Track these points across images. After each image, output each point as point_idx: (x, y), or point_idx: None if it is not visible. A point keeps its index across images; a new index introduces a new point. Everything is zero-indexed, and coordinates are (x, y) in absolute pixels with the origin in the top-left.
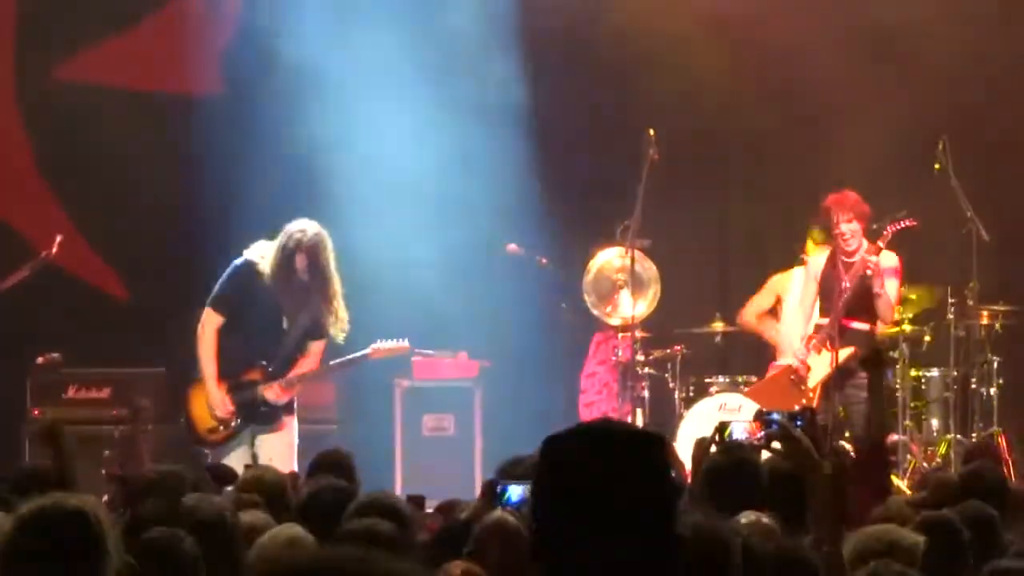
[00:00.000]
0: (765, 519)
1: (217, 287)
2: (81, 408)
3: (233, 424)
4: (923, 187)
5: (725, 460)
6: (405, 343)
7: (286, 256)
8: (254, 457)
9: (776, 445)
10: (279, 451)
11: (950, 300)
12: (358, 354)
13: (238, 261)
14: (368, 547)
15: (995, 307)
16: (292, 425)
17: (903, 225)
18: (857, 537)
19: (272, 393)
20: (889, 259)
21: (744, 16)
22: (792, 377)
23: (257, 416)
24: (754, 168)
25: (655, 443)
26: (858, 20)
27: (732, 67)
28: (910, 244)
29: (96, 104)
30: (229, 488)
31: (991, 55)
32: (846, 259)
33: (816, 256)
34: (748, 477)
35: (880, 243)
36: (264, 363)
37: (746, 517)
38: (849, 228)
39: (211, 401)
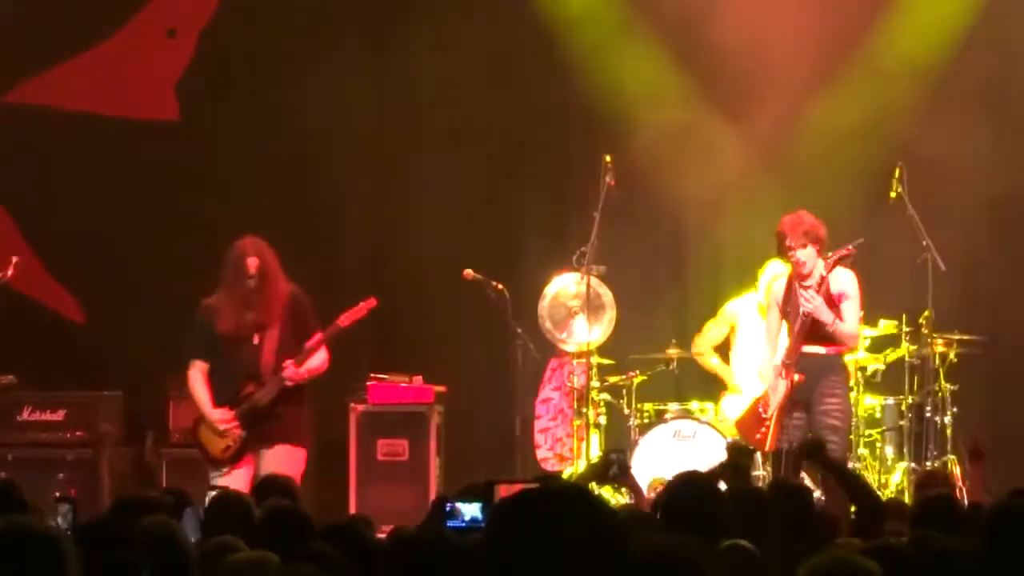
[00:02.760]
0: (744, 544)
1: (188, 342)
2: (35, 431)
3: (241, 436)
4: (878, 214)
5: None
6: (372, 300)
7: (236, 260)
8: (258, 468)
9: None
10: (279, 460)
11: (905, 328)
12: (330, 329)
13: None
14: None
15: (950, 336)
16: (298, 454)
17: (845, 252)
18: (810, 565)
19: (289, 372)
20: (842, 282)
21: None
22: (759, 408)
23: (261, 427)
24: (711, 195)
25: (590, 499)
26: (815, 39)
27: (689, 93)
28: (865, 271)
29: (54, 128)
30: (189, 509)
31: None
32: (801, 283)
33: (777, 283)
34: (710, 507)
35: (823, 271)
36: (259, 379)
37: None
38: (803, 254)
39: (212, 420)
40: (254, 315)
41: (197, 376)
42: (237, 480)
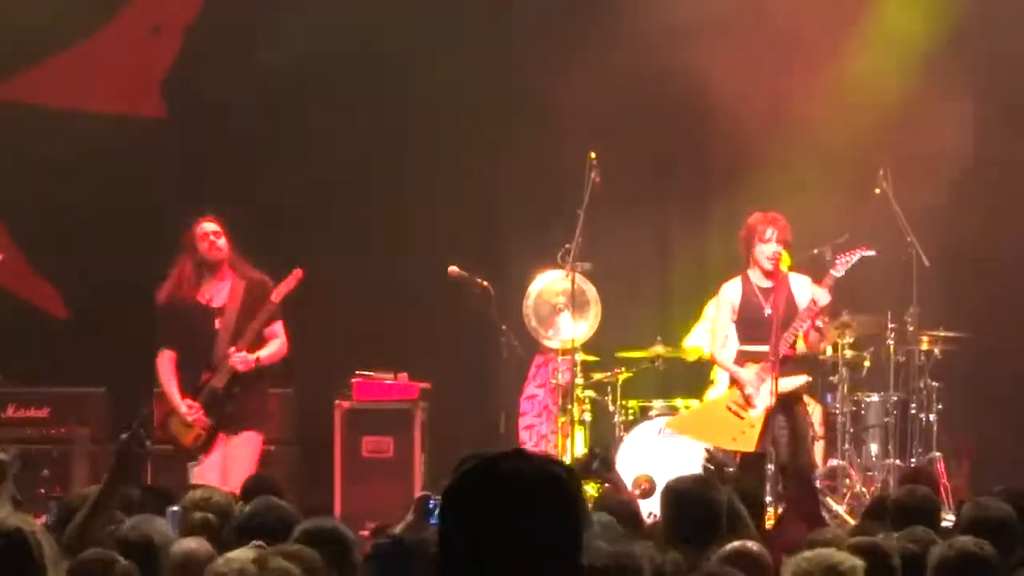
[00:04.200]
0: (751, 545)
1: (156, 330)
2: (20, 427)
3: (208, 424)
4: (863, 211)
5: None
6: (298, 271)
7: (193, 244)
8: (223, 455)
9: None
10: (244, 457)
11: (890, 325)
12: (265, 308)
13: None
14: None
15: (935, 333)
16: (257, 440)
17: (860, 255)
18: (795, 561)
19: (237, 359)
20: (822, 292)
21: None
22: (729, 407)
23: (225, 416)
24: (696, 192)
25: (559, 480)
26: (799, 43)
27: (676, 91)
28: (850, 268)
29: (38, 124)
30: (174, 508)
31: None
32: (765, 280)
33: (730, 284)
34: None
35: (833, 275)
36: (212, 363)
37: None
38: (779, 250)
39: (180, 412)
40: (214, 301)
41: (166, 365)
42: (211, 467)
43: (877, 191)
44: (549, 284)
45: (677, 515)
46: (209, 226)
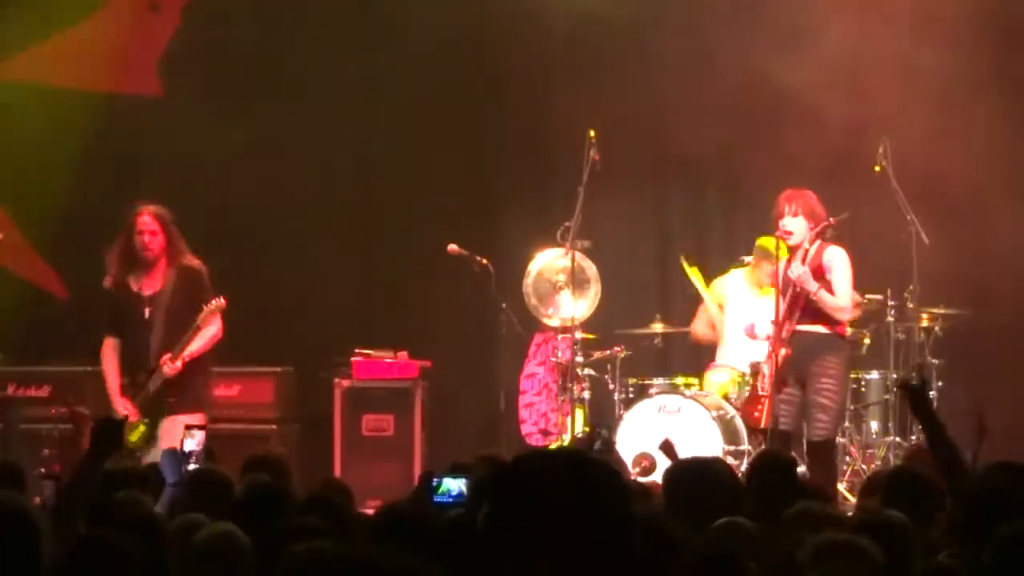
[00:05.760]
0: (741, 520)
1: (101, 317)
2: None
3: (144, 422)
4: (862, 189)
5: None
6: (221, 300)
7: (130, 230)
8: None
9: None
10: (176, 431)
11: (890, 303)
12: (190, 331)
13: None
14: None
15: (935, 310)
16: (194, 419)
17: (825, 224)
18: (815, 543)
19: (167, 368)
20: (830, 255)
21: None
22: (754, 384)
23: (163, 409)
24: (696, 169)
25: (617, 476)
26: (798, 23)
27: (676, 70)
28: (850, 246)
29: (36, 103)
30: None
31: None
32: (790, 254)
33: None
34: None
35: (806, 244)
36: (147, 363)
37: (722, 521)
38: (792, 223)
39: (116, 409)
40: (145, 289)
41: (108, 353)
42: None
43: (877, 168)
44: (549, 262)
45: (682, 495)
46: (145, 223)
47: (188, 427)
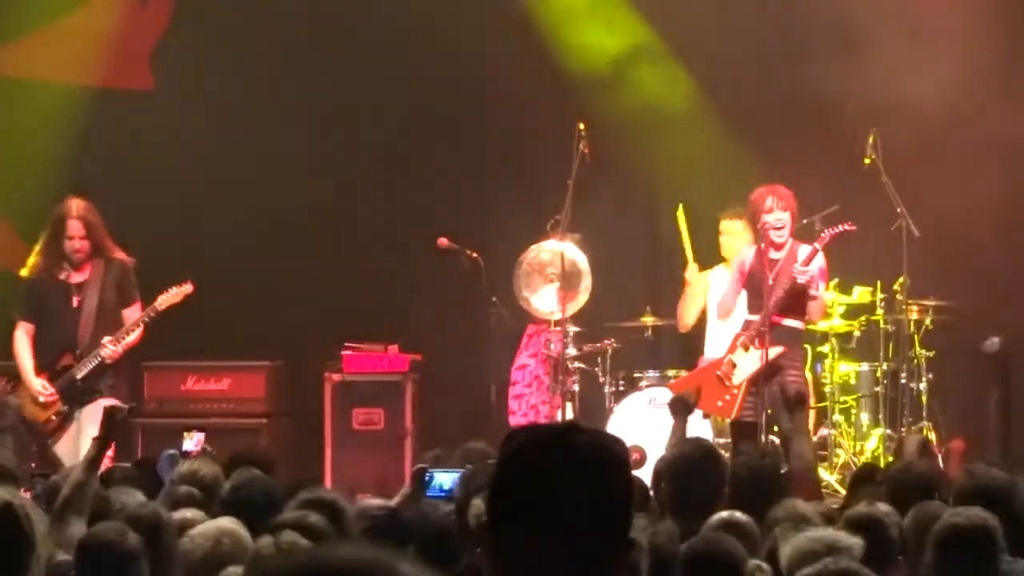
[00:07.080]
0: (739, 515)
1: (15, 302)
2: None
3: (62, 409)
4: (852, 181)
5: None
6: (188, 286)
7: (58, 221)
8: (78, 430)
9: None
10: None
11: (880, 295)
12: (148, 310)
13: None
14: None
15: (925, 302)
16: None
17: (842, 229)
18: (796, 541)
19: (107, 351)
20: (821, 259)
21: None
22: (717, 374)
23: (81, 397)
24: (685, 163)
25: (619, 445)
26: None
27: (666, 63)
28: (840, 238)
29: (27, 97)
30: (170, 451)
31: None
32: (775, 252)
33: (748, 249)
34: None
35: (818, 245)
36: (75, 349)
37: (719, 515)
38: (782, 217)
39: (32, 392)
40: (74, 278)
41: (22, 338)
42: (66, 446)
43: (867, 161)
44: (539, 255)
45: (676, 486)
46: (74, 227)
47: (187, 428)
